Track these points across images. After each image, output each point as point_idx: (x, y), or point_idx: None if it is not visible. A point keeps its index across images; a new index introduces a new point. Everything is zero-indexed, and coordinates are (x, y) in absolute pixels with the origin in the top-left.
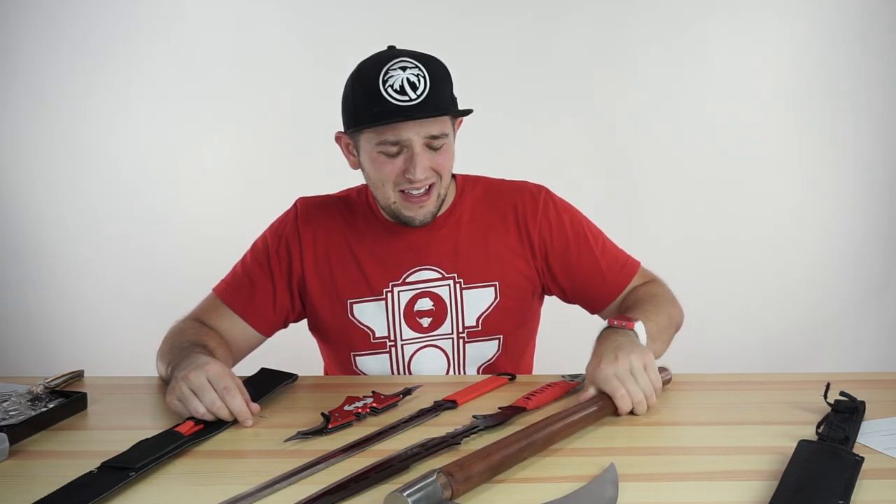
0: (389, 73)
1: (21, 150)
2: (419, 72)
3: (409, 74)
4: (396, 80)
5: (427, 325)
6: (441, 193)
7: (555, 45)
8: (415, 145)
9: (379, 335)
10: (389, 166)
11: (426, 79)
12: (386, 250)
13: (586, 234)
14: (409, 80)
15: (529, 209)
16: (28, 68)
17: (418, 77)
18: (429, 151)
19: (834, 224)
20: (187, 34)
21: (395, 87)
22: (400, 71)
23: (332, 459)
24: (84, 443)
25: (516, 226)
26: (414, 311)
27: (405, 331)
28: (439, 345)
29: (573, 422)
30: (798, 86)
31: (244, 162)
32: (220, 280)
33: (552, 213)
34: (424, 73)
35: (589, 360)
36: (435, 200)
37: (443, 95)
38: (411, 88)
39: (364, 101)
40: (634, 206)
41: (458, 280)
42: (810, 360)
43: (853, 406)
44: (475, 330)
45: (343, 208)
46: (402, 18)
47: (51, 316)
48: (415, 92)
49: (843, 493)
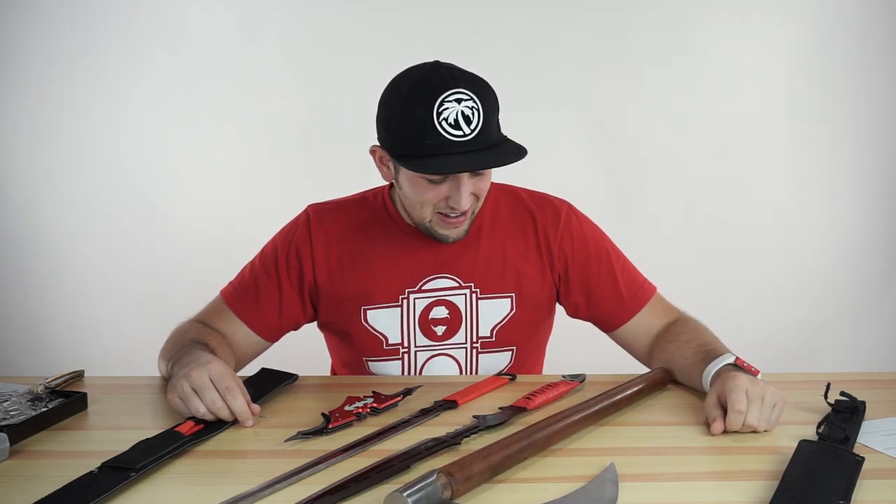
0: (445, 104)
1: (21, 151)
2: (474, 104)
3: (464, 107)
4: (451, 113)
5: (441, 333)
6: (475, 212)
7: (555, 45)
8: (462, 177)
9: (392, 342)
10: (432, 192)
11: (481, 113)
12: (403, 256)
13: (608, 251)
14: (463, 114)
15: (550, 222)
16: (28, 68)
17: (472, 110)
18: (472, 177)
19: (834, 224)
20: (191, 34)
21: (450, 120)
22: (454, 103)
23: (332, 459)
24: (84, 443)
25: (535, 238)
26: (429, 319)
27: (419, 338)
28: (452, 354)
29: (573, 422)
30: (798, 86)
31: (248, 163)
32: (229, 282)
33: (575, 227)
34: (478, 106)
35: (713, 384)
36: (470, 219)
37: (493, 127)
38: (465, 122)
39: (416, 131)
40: (634, 206)
41: (475, 290)
42: (810, 360)
43: (853, 406)
44: (489, 340)
45: (358, 212)
46: (404, 20)
47: (51, 316)
48: (468, 126)
49: (843, 493)
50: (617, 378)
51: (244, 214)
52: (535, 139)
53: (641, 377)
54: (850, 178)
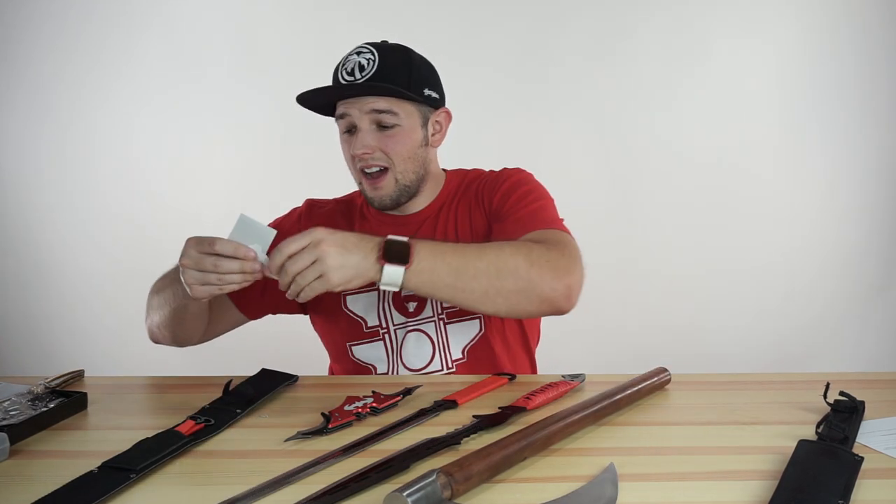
0: (347, 59)
1: (21, 152)
2: (371, 56)
3: (361, 59)
4: (350, 63)
5: (413, 309)
6: (399, 179)
7: (555, 45)
8: (357, 121)
9: (371, 324)
10: (346, 145)
11: (375, 62)
12: None
13: (527, 189)
14: (359, 63)
15: (484, 183)
16: (26, 69)
17: (369, 61)
18: (377, 132)
19: (834, 224)
20: (195, 34)
21: (347, 69)
22: (355, 56)
23: (332, 459)
24: (84, 443)
25: (479, 205)
26: (402, 296)
27: (395, 315)
28: (423, 328)
29: (573, 422)
30: (799, 85)
31: (251, 164)
32: None
33: (504, 173)
34: (375, 58)
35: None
36: (392, 185)
37: (391, 78)
38: (359, 70)
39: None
40: (634, 206)
41: None
42: (810, 360)
43: (853, 406)
44: (453, 310)
45: (344, 208)
46: (406, 20)
47: (51, 316)
48: (361, 73)
49: (842, 493)
50: (617, 378)
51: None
52: (536, 139)
53: (641, 377)
54: (850, 178)
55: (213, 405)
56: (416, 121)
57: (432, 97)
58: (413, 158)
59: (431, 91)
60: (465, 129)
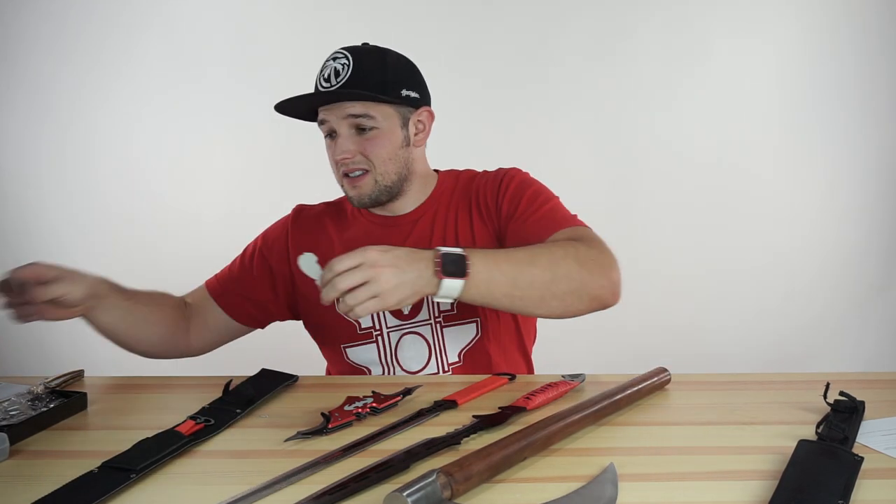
0: (325, 65)
1: (21, 152)
2: (346, 61)
3: (336, 64)
4: (326, 69)
5: (408, 311)
6: (379, 180)
7: (555, 45)
8: (336, 126)
9: (364, 326)
10: (329, 151)
11: (350, 67)
12: (364, 243)
13: (535, 189)
14: (335, 69)
15: (482, 185)
16: (26, 69)
17: (344, 66)
18: (357, 136)
19: (834, 224)
20: (195, 34)
21: (325, 75)
22: (332, 62)
23: (332, 459)
24: (84, 443)
25: (476, 206)
26: None
27: (389, 318)
28: (419, 331)
29: (573, 422)
30: (799, 85)
31: (251, 164)
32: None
33: (503, 175)
34: (350, 62)
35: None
36: (371, 185)
37: (365, 82)
38: (335, 76)
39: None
40: (634, 206)
41: None
42: (810, 360)
43: (853, 406)
44: (450, 314)
45: (335, 211)
46: (406, 20)
47: None
48: (336, 79)
49: (842, 493)
50: (617, 378)
51: (248, 217)
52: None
53: (641, 377)
54: (850, 178)
55: (213, 405)
56: (394, 122)
57: (411, 97)
58: (394, 159)
59: (410, 91)
60: (465, 129)
